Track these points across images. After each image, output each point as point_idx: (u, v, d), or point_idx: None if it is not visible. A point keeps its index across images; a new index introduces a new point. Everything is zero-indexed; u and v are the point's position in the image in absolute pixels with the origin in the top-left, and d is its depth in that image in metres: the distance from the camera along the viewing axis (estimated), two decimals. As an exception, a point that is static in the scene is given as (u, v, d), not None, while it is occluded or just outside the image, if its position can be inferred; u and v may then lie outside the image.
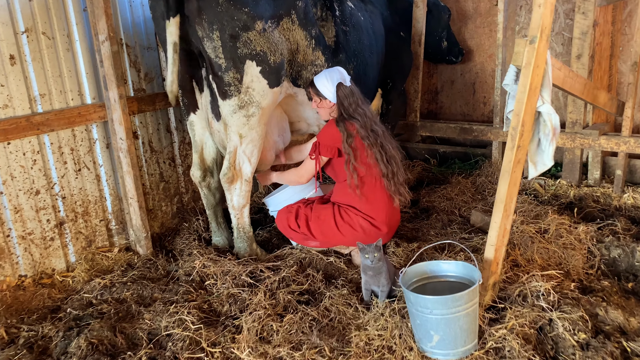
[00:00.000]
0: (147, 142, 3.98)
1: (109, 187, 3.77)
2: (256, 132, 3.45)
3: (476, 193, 4.86)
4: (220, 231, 3.92)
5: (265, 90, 3.36)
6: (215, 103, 3.46)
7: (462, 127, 5.27)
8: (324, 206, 3.54)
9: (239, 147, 3.46)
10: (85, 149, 3.60)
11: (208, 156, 3.79)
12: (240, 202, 3.57)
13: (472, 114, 6.22)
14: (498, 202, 2.71)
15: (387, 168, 3.38)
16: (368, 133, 3.35)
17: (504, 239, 2.80)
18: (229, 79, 3.24)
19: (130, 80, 3.80)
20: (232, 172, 3.47)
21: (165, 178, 4.16)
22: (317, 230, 3.46)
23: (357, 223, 3.41)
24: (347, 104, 3.38)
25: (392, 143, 3.48)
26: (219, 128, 3.53)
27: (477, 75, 6.04)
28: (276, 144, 3.80)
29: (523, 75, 2.49)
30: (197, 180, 3.76)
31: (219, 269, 3.42)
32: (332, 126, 3.38)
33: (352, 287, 3.27)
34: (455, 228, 4.15)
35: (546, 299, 2.81)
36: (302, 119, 4.00)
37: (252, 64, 3.25)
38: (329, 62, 3.73)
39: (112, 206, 3.81)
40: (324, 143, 3.41)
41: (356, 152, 3.33)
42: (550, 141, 2.79)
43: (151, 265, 3.70)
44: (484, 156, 5.57)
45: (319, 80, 3.40)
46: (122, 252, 3.81)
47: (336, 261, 3.56)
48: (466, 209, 4.49)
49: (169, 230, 4.21)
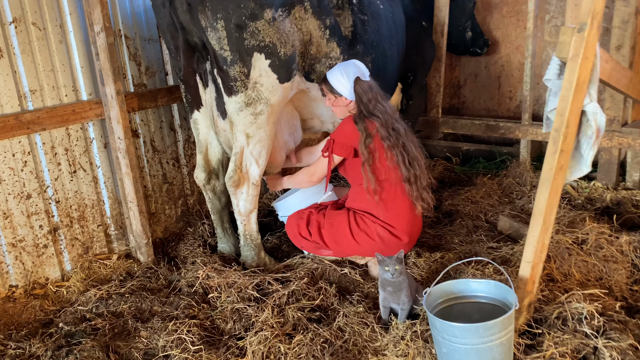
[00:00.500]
0: (148, 141, 3.71)
1: (107, 189, 3.51)
2: (264, 131, 3.15)
3: (503, 196, 4.50)
4: (227, 237, 3.64)
5: (275, 86, 3.06)
6: (220, 100, 3.17)
7: (488, 124, 4.91)
8: (338, 212, 3.24)
9: (245, 148, 3.16)
10: (81, 149, 3.34)
11: (213, 157, 3.50)
12: (247, 208, 3.28)
13: (496, 110, 5.85)
14: (536, 214, 2.38)
15: (409, 171, 3.06)
16: (389, 133, 3.03)
17: (541, 255, 2.48)
18: (234, 74, 2.95)
19: (130, 74, 3.53)
20: (238, 175, 3.18)
21: (169, 179, 3.89)
22: (331, 239, 3.16)
23: (375, 231, 3.10)
24: (367, 100, 3.06)
25: (414, 143, 3.16)
26: (224, 127, 3.24)
27: (502, 68, 5.67)
28: (287, 144, 3.50)
29: (569, 68, 2.15)
30: (201, 183, 3.47)
31: (224, 280, 3.14)
32: (350, 124, 3.07)
33: (368, 303, 2.96)
34: (481, 235, 3.81)
35: (589, 323, 2.48)
36: (315, 116, 3.69)
37: (261, 57, 2.95)
38: (345, 54, 3.41)
39: (111, 210, 3.55)
40: (338, 141, 3.10)
41: (375, 154, 3.02)
42: (592, 145, 2.44)
43: (152, 274, 3.43)
44: (510, 155, 5.21)
45: (333, 75, 3.09)
46: (121, 260, 3.55)
47: (351, 273, 3.26)
48: (493, 213, 4.15)
49: (173, 235, 3.94)
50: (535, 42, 4.52)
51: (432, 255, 3.44)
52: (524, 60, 5.39)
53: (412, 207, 3.13)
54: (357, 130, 3.02)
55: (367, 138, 3.01)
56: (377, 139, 3.02)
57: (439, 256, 3.43)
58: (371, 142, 3.01)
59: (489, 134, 4.98)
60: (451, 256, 3.46)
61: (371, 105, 3.07)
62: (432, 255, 3.44)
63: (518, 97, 5.63)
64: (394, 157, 3.04)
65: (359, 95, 3.06)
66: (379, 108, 3.07)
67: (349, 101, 3.13)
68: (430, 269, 3.34)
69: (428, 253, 3.48)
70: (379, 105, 3.08)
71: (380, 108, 3.07)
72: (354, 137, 3.04)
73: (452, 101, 6.09)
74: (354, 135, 3.04)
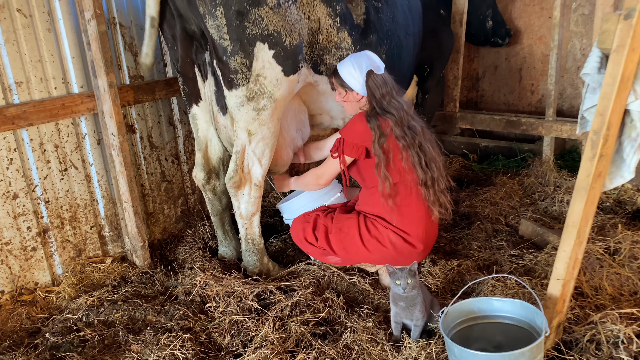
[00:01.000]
0: (146, 136, 3.47)
1: (101, 188, 3.29)
2: (268, 128, 2.90)
3: (524, 197, 4.22)
4: (228, 241, 3.41)
5: (280, 79, 2.81)
6: (220, 94, 2.92)
7: (509, 120, 4.61)
8: (347, 216, 2.98)
9: (247, 146, 2.92)
10: (72, 146, 3.11)
11: (213, 155, 3.26)
12: (249, 210, 3.04)
13: (517, 104, 5.54)
14: (569, 226, 2.11)
15: (426, 174, 2.79)
16: (404, 131, 2.77)
17: (574, 271, 2.20)
18: (235, 65, 2.70)
19: (126, 65, 3.29)
20: (239, 175, 2.94)
21: (168, 177, 3.66)
22: (339, 245, 2.91)
23: (387, 238, 2.84)
24: (380, 95, 2.80)
25: (431, 142, 2.89)
26: (225, 123, 3.00)
27: (524, 59, 5.34)
28: (294, 141, 3.25)
29: (613, 61, 1.87)
30: (200, 183, 3.24)
31: (222, 288, 2.91)
32: (361, 121, 2.81)
33: (379, 317, 2.72)
34: (501, 240, 3.54)
35: (627, 349, 2.21)
36: (325, 111, 3.43)
37: (264, 47, 2.70)
38: (356, 44, 3.15)
39: (105, 210, 3.34)
40: (349, 141, 2.84)
41: (389, 155, 2.76)
42: (638, 148, 2.15)
43: (147, 279, 3.21)
44: (531, 152, 4.90)
45: (344, 68, 2.83)
46: (116, 263, 3.33)
47: (360, 281, 3.01)
48: (514, 216, 3.87)
49: (172, 236, 3.72)
50: (562, 32, 4.20)
51: (449, 263, 3.18)
52: (548, 51, 5.11)
53: (428, 212, 2.87)
54: (369, 129, 2.76)
55: (380, 137, 2.74)
56: (391, 139, 2.76)
57: (455, 264, 3.17)
58: (385, 142, 2.75)
59: (510, 131, 4.69)
60: (469, 264, 3.20)
61: (385, 101, 2.80)
62: (448, 263, 3.18)
63: (540, 91, 5.31)
64: (409, 158, 2.78)
65: (371, 90, 2.79)
66: (393, 104, 2.80)
67: (360, 96, 2.87)
68: (447, 277, 3.09)
69: (444, 260, 3.22)
70: (394, 101, 2.81)
71: (395, 104, 2.81)
72: (366, 136, 2.78)
73: (469, 94, 5.78)
74: (366, 134, 2.78)
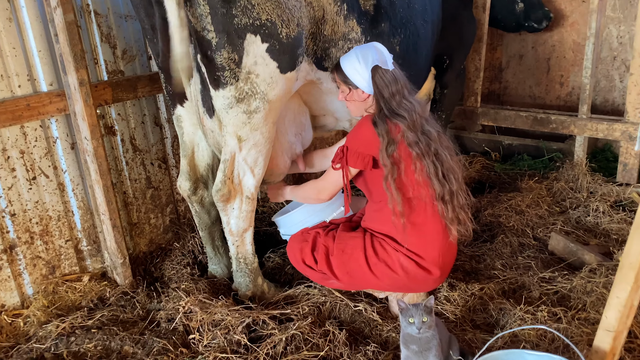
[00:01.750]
0: (127, 139, 3.10)
1: (77, 198, 2.93)
2: (261, 133, 2.51)
3: (553, 204, 3.78)
4: (218, 258, 3.04)
5: (275, 77, 2.41)
6: (206, 94, 2.53)
7: (537, 117, 4.16)
8: (352, 235, 2.59)
9: (237, 154, 2.53)
10: (42, 151, 2.75)
11: (201, 162, 2.87)
12: (241, 226, 2.66)
13: (544, 97, 5.06)
14: (625, 268, 1.69)
15: (444, 187, 2.39)
16: (418, 138, 2.36)
17: (628, 320, 1.79)
18: (222, 61, 2.30)
19: (103, 59, 2.90)
20: (228, 187, 2.55)
21: (154, 184, 3.28)
22: (341, 269, 2.52)
23: (397, 262, 2.45)
24: (389, 94, 2.38)
25: (449, 149, 2.47)
26: (212, 127, 2.61)
27: (553, 48, 4.86)
28: (292, 147, 2.85)
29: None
30: (186, 193, 2.86)
31: (209, 317, 2.55)
32: (367, 126, 2.40)
33: (387, 355, 2.33)
34: (529, 257, 3.13)
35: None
36: (329, 112, 3.02)
37: (256, 40, 2.30)
38: (367, 34, 2.73)
39: (82, 222, 2.98)
40: (353, 149, 2.43)
41: (400, 166, 2.36)
42: None
43: (127, 301, 2.86)
44: (560, 152, 4.44)
45: (348, 62, 2.42)
46: (94, 282, 2.98)
47: (367, 310, 2.63)
48: (543, 228, 3.44)
49: (159, 248, 3.35)
50: (600, 19, 3.72)
51: (469, 287, 2.78)
52: (580, 39, 4.63)
53: (445, 231, 2.47)
54: (377, 135, 2.35)
55: (389, 145, 2.34)
56: (402, 146, 2.35)
57: (477, 288, 2.77)
58: (395, 150, 2.34)
59: (537, 129, 4.23)
60: (493, 288, 2.79)
61: (395, 102, 2.39)
62: (468, 287, 2.78)
63: (571, 83, 4.83)
64: (424, 168, 2.37)
65: (379, 89, 2.38)
66: (404, 105, 2.39)
67: (366, 95, 2.46)
68: (467, 305, 2.69)
69: (464, 283, 2.81)
70: (405, 101, 2.40)
71: (407, 105, 2.39)
72: (373, 143, 2.38)
73: (491, 86, 5.31)
74: (373, 141, 2.37)
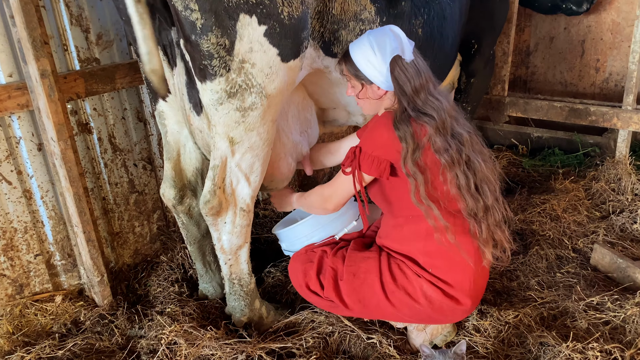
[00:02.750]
0: (105, 137, 2.69)
1: (47, 206, 2.54)
2: (258, 134, 2.09)
3: (593, 208, 3.34)
4: (210, 275, 2.64)
5: (275, 66, 1.98)
6: (193, 86, 2.11)
7: (573, 108, 3.69)
8: (365, 255, 2.18)
9: (229, 159, 2.11)
10: (1, 154, 2.35)
11: (188, 165, 2.46)
12: (234, 243, 2.25)
13: (577, 84, 4.57)
14: None
15: (477, 202, 1.97)
16: (448, 143, 1.94)
17: None
18: (209, 47, 1.87)
19: (73, 45, 2.48)
20: (218, 198, 2.14)
21: (138, 187, 2.88)
22: (352, 297, 2.12)
23: (420, 290, 2.05)
24: (411, 90, 1.95)
25: (482, 154, 2.05)
26: (200, 126, 2.19)
27: (588, 29, 4.35)
28: (297, 147, 2.43)
29: None
30: (170, 203, 2.44)
31: (195, 350, 2.16)
32: (387, 127, 1.98)
33: (407, 405, 1.94)
34: (569, 274, 2.72)
35: None
36: (340, 105, 2.59)
37: (251, 21, 1.87)
38: (382, 15, 2.29)
39: (54, 233, 2.59)
40: (368, 152, 2.02)
41: (426, 175, 1.93)
42: None
43: (105, 327, 2.48)
44: (598, 147, 3.98)
45: (360, 51, 1.98)
46: (68, 301, 2.60)
47: (383, 343, 2.23)
48: (583, 238, 3.00)
49: (145, 260, 2.96)
50: (650, -4, 3.23)
51: (502, 314, 2.38)
52: (620, 19, 4.12)
53: (478, 254, 2.06)
54: (398, 139, 1.92)
55: (415, 151, 1.91)
56: (428, 152, 1.93)
57: (512, 315, 2.37)
58: (420, 156, 1.92)
59: (574, 122, 3.76)
60: (529, 314, 2.39)
61: (420, 99, 1.96)
62: (502, 314, 2.38)
63: (608, 68, 4.34)
64: (454, 180, 1.95)
65: (400, 84, 1.95)
66: (431, 103, 1.96)
67: (383, 92, 2.03)
68: (500, 336, 2.28)
69: (495, 309, 2.40)
70: (431, 98, 1.97)
71: (434, 103, 1.96)
72: (392, 147, 1.96)
73: (518, 71, 4.83)
74: (392, 144, 1.95)
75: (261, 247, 3.12)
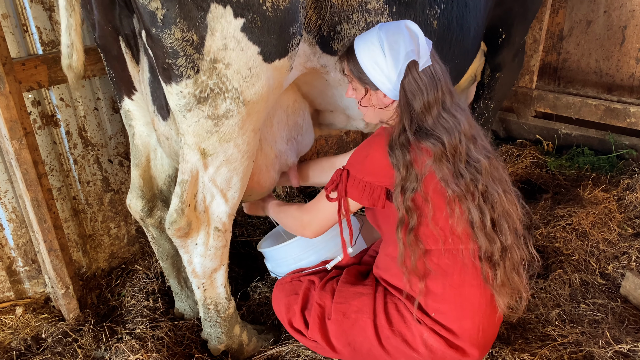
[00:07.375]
0: (75, 130, 2.38)
1: (6, 208, 2.26)
2: (236, 145, 1.76)
3: (626, 223, 2.96)
4: (185, 293, 2.35)
5: (255, 67, 1.65)
6: (157, 86, 1.77)
7: (610, 107, 3.28)
8: (358, 290, 1.87)
9: (201, 173, 1.79)
10: (-51, 151, 2.07)
11: (160, 173, 2.13)
12: (208, 267, 1.96)
13: (613, 75, 4.10)
14: None
15: (492, 243, 1.64)
16: (459, 171, 1.59)
17: None
18: (172, 43, 1.53)
19: (34, 27, 2.15)
20: (187, 217, 1.83)
21: (114, 186, 2.58)
22: (340, 340, 1.82)
23: (419, 338, 1.74)
24: (422, 106, 1.60)
25: (502, 182, 1.70)
26: (167, 132, 1.87)
27: (632, 14, 3.86)
28: (281, 158, 2.10)
29: None
30: (138, 215, 2.14)
31: (161, 388, 1.90)
32: (379, 148, 1.64)
33: None
34: (594, 305, 2.39)
35: None
36: (338, 108, 2.23)
37: (225, 12, 1.54)
38: (391, 4, 1.91)
39: (15, 238, 2.32)
40: (358, 177, 1.68)
41: (425, 211, 1.60)
42: None
43: (68, 345, 2.22)
44: (634, 149, 3.56)
45: (367, 51, 1.62)
46: (31, 312, 2.36)
47: (374, 388, 1.93)
48: (613, 261, 2.66)
49: (122, 265, 2.69)
50: None
51: (516, 357, 2.05)
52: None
53: (491, 300, 1.73)
54: (390, 165, 1.58)
55: (408, 183, 1.57)
56: (432, 181, 1.59)
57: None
58: (419, 189, 1.57)
59: (610, 122, 3.35)
60: (547, 356, 2.07)
61: (431, 117, 1.60)
62: (515, 358, 2.05)
63: (652, 59, 3.87)
64: (464, 214, 1.61)
65: (407, 98, 1.59)
66: (444, 122, 1.60)
67: (390, 100, 1.67)
68: (511, 386, 1.97)
69: (508, 349, 2.09)
70: (445, 115, 1.61)
71: (448, 122, 1.60)
72: (385, 173, 1.62)
73: (548, 57, 4.36)
74: (385, 170, 1.61)
75: (251, 253, 2.84)
